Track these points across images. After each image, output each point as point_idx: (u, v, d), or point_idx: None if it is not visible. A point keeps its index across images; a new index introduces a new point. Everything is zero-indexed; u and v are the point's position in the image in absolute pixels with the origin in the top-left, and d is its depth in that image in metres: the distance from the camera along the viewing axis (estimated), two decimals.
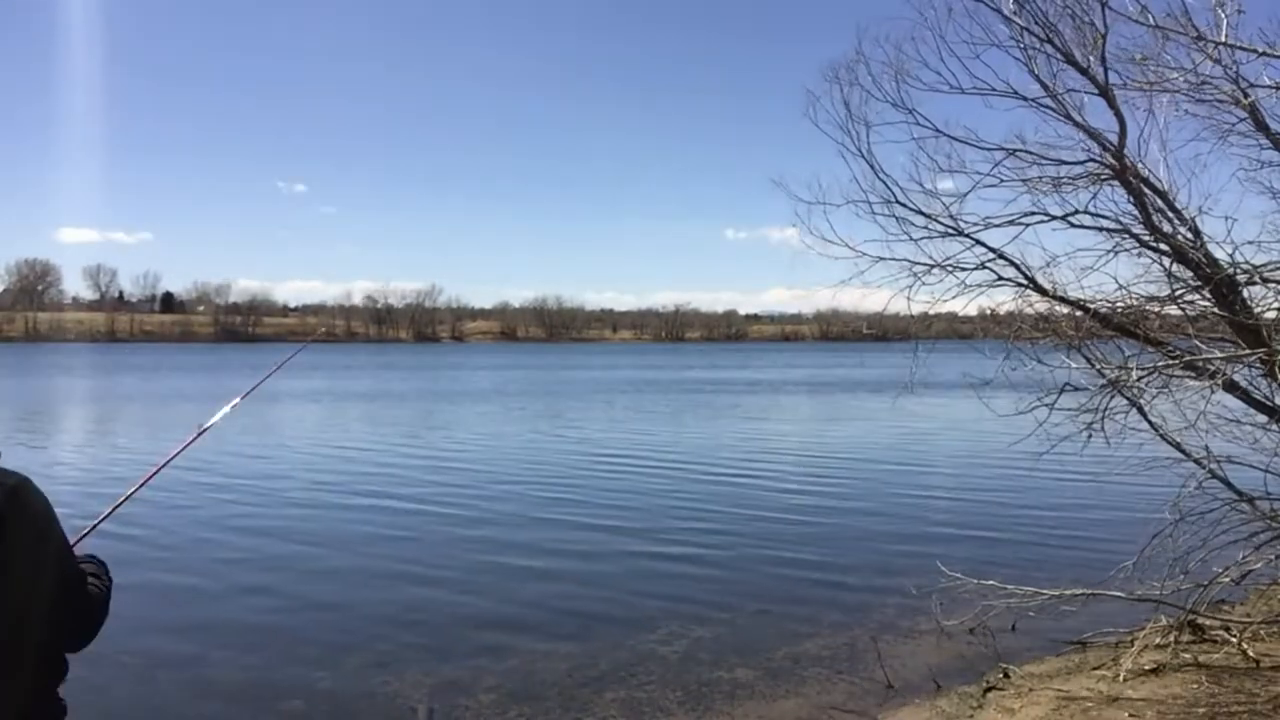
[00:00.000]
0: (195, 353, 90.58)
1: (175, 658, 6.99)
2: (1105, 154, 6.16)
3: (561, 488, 14.74)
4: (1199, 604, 6.40)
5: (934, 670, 6.53)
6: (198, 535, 11.09)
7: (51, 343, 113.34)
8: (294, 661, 6.92)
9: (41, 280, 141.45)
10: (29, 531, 2.06)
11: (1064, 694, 5.76)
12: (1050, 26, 5.98)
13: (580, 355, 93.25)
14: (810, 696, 6.19)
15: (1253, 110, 5.52)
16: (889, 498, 13.73)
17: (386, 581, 9.11)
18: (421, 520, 12.12)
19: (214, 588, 8.93)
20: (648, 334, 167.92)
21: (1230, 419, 6.23)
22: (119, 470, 16.33)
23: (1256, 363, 5.74)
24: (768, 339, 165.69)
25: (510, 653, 7.01)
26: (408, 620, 7.87)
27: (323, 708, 6.09)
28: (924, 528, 11.49)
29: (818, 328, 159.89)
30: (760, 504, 13.17)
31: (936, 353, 7.12)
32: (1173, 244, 6.02)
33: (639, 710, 5.98)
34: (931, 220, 6.72)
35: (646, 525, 11.72)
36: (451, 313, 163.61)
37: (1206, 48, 5.15)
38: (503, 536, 11.12)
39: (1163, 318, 6.30)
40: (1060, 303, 6.52)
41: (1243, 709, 5.25)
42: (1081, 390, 6.40)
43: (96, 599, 2.27)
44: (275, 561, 9.96)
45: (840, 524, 11.82)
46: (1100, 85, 5.97)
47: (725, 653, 6.99)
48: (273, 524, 11.83)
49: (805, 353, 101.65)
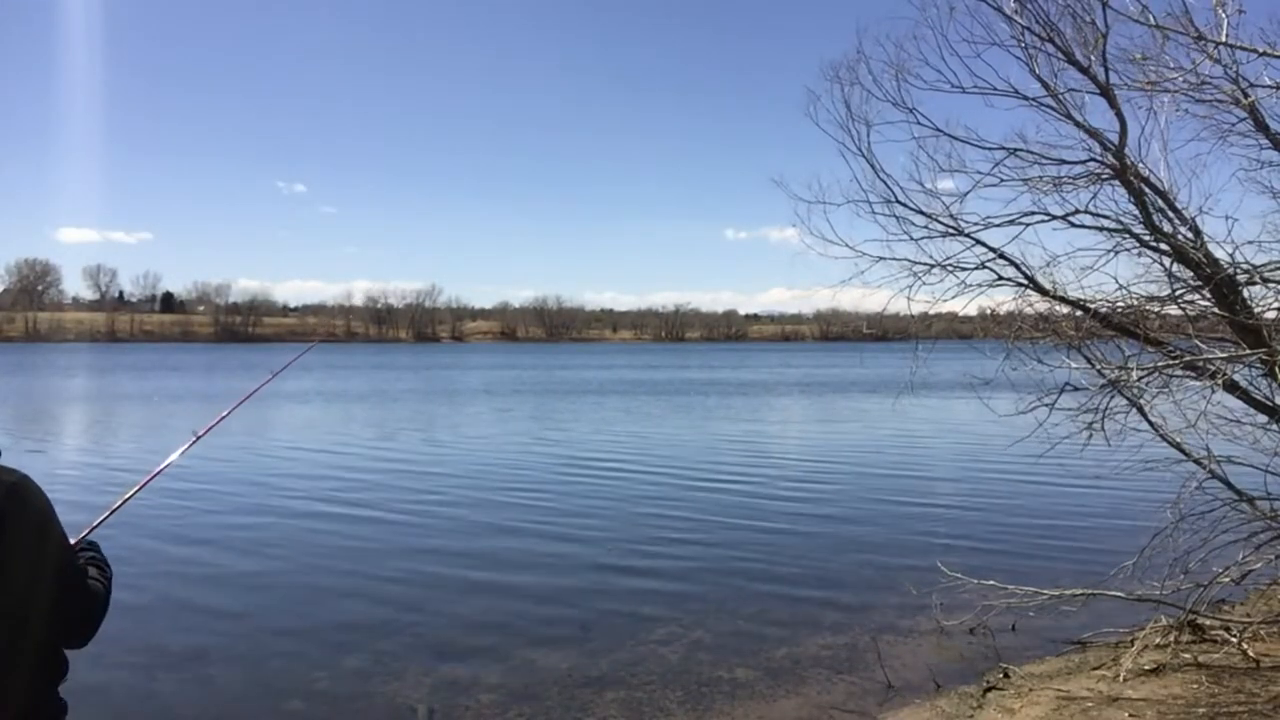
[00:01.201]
0: (195, 352, 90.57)
1: (175, 657, 6.98)
2: (1106, 153, 6.15)
3: (561, 488, 14.73)
4: (1199, 604, 6.39)
5: (934, 670, 6.53)
6: (197, 535, 11.08)
7: (51, 343, 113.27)
8: (294, 661, 6.91)
9: (41, 280, 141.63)
10: (29, 529, 2.06)
11: (1064, 694, 5.76)
12: (1051, 26, 5.98)
13: (579, 355, 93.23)
14: (810, 696, 6.18)
15: (1253, 110, 5.52)
16: (889, 498, 13.72)
17: (386, 581, 9.09)
18: (422, 520, 12.11)
19: (213, 588, 8.91)
20: (648, 334, 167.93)
21: (1230, 419, 6.23)
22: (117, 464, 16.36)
23: (1257, 363, 5.74)
24: (768, 339, 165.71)
25: (510, 653, 7.00)
26: (408, 620, 7.86)
27: (323, 708, 6.08)
28: (924, 528, 11.48)
29: (818, 328, 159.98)
30: (760, 505, 13.16)
31: (936, 353, 7.11)
32: (1173, 244, 6.01)
33: (639, 710, 5.97)
34: (932, 220, 6.73)
35: (646, 526, 11.71)
36: (451, 313, 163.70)
37: (1207, 48, 5.14)
38: (503, 537, 11.11)
39: (1163, 318, 6.30)
40: (1060, 302, 6.52)
41: (1243, 709, 5.24)
42: (1081, 390, 6.39)
43: (96, 596, 2.26)
44: (275, 561, 9.95)
45: (840, 524, 11.81)
46: (1101, 85, 5.97)
47: (725, 653, 6.99)
48: (272, 524, 11.82)
49: (805, 353, 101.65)
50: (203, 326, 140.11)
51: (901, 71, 6.55)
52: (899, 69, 6.56)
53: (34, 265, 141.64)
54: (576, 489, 14.66)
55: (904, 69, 6.54)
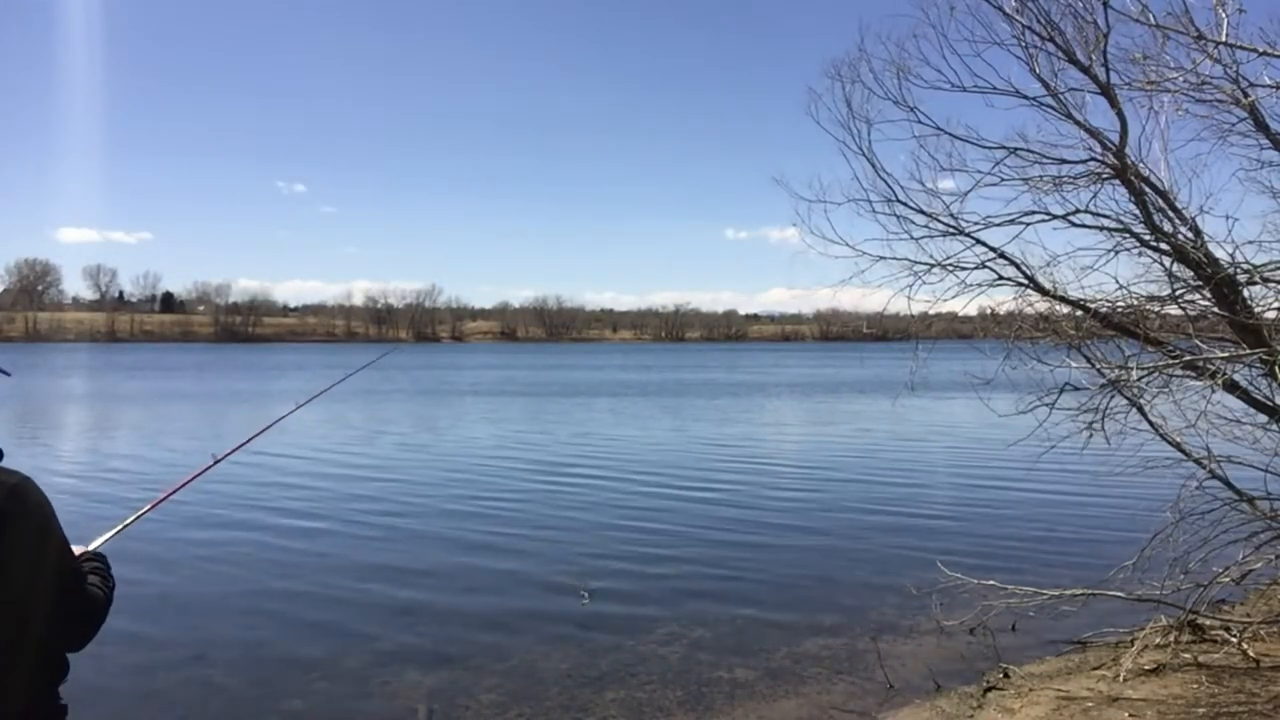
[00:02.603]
0: (196, 352, 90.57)
1: (175, 658, 6.98)
2: (1106, 153, 6.15)
3: (561, 489, 14.73)
4: (1199, 604, 6.39)
5: (934, 670, 6.53)
6: (196, 536, 11.07)
7: (51, 343, 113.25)
8: (294, 661, 6.91)
9: (41, 280, 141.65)
10: (29, 530, 2.06)
11: (1064, 694, 5.76)
12: (1052, 25, 5.98)
13: (578, 355, 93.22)
14: (810, 696, 6.18)
15: (1253, 110, 5.52)
16: (889, 498, 13.72)
17: (386, 582, 9.09)
18: (421, 520, 12.11)
19: (213, 588, 8.92)
20: (648, 334, 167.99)
21: (1230, 419, 6.23)
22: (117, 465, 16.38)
23: (1257, 363, 5.74)
24: (768, 339, 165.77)
25: (510, 653, 7.00)
26: (408, 620, 7.86)
27: (323, 708, 6.08)
28: (924, 527, 11.48)
29: (818, 328, 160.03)
30: (759, 505, 13.16)
31: (936, 352, 7.11)
32: (1173, 244, 6.01)
33: (639, 710, 5.97)
34: (932, 219, 6.72)
35: (646, 526, 11.71)
36: (451, 313, 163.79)
37: (1207, 47, 5.14)
38: (503, 537, 11.11)
39: (1163, 317, 6.30)
40: (1060, 302, 6.52)
41: (1243, 709, 5.24)
42: (1081, 390, 6.39)
43: (96, 600, 2.26)
44: (274, 561, 9.94)
45: (840, 524, 11.80)
46: (1102, 84, 5.96)
47: (725, 653, 6.99)
48: (271, 524, 11.81)
49: (806, 353, 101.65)
50: (203, 326, 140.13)
51: (902, 70, 6.55)
52: (900, 68, 6.56)
53: (34, 265, 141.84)
54: (577, 489, 14.65)
55: (905, 68, 6.54)
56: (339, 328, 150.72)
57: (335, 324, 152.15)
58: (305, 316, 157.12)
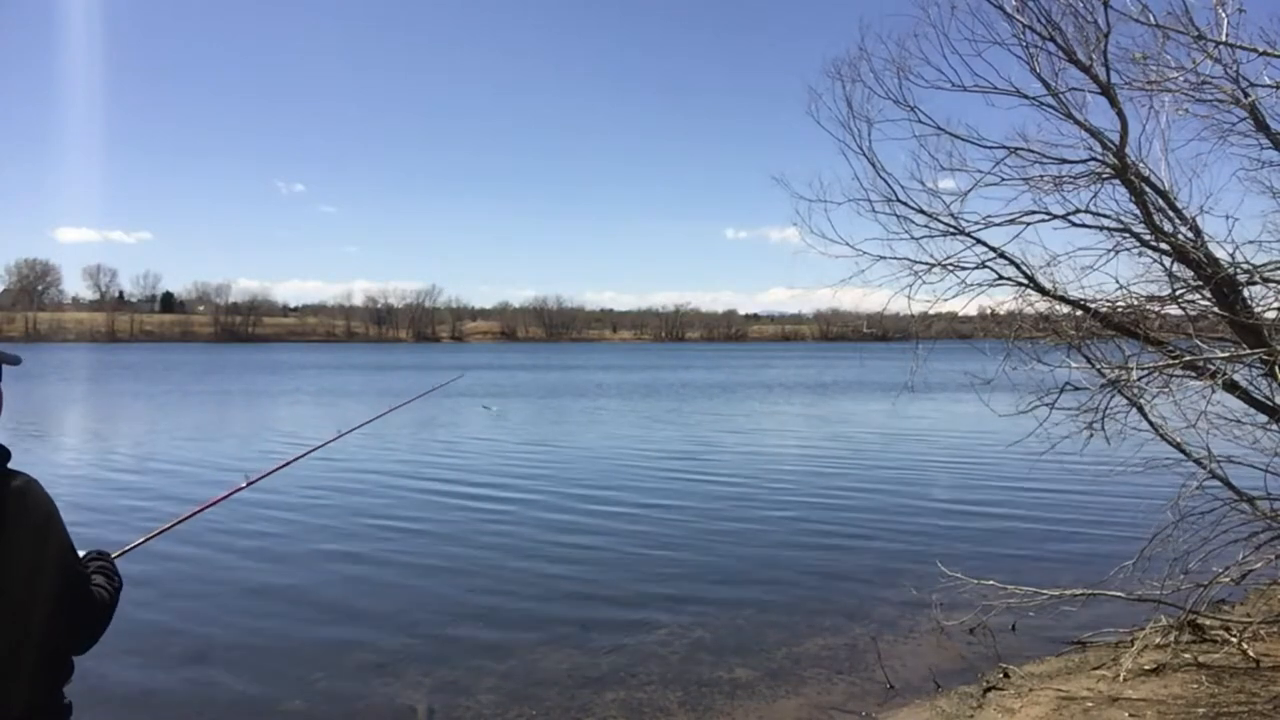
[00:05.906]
0: (197, 352, 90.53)
1: (176, 658, 6.98)
2: (1107, 153, 6.15)
3: (561, 489, 14.72)
4: (1199, 604, 6.39)
5: (934, 670, 6.53)
6: (196, 536, 11.06)
7: (52, 343, 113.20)
8: (294, 661, 6.91)
9: (41, 280, 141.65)
10: (33, 531, 2.06)
11: (1064, 694, 5.76)
12: (1052, 25, 5.98)
13: (577, 355, 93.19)
14: (810, 696, 6.18)
15: (1253, 110, 5.52)
16: (888, 498, 13.71)
17: (386, 582, 9.09)
18: (421, 521, 12.11)
19: (214, 589, 8.91)
20: (647, 334, 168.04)
21: (1230, 419, 6.22)
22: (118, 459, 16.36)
23: (1257, 363, 5.74)
24: (768, 339, 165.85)
25: (510, 653, 7.00)
26: (408, 620, 7.86)
27: (323, 708, 6.08)
28: (924, 528, 11.47)
29: (818, 327, 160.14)
30: (759, 505, 13.16)
31: (936, 352, 7.11)
32: (1173, 243, 6.01)
33: (639, 710, 5.97)
34: (932, 219, 6.72)
35: (646, 527, 11.71)
36: (451, 313, 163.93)
37: (1207, 47, 5.14)
38: (503, 537, 11.10)
39: (1163, 317, 6.30)
40: (1061, 302, 6.52)
41: (1243, 709, 5.24)
42: (1081, 390, 6.39)
43: (101, 601, 2.26)
44: (274, 561, 9.94)
45: (840, 524, 11.80)
46: (1102, 84, 5.96)
47: (725, 653, 6.99)
48: (270, 524, 11.81)
49: (806, 352, 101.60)
50: (203, 326, 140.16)
51: (903, 69, 6.56)
52: (900, 67, 6.56)
53: (34, 265, 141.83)
54: (575, 490, 14.64)
55: (905, 67, 6.54)
56: (339, 328, 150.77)
57: (335, 324, 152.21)
58: (305, 316, 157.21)
